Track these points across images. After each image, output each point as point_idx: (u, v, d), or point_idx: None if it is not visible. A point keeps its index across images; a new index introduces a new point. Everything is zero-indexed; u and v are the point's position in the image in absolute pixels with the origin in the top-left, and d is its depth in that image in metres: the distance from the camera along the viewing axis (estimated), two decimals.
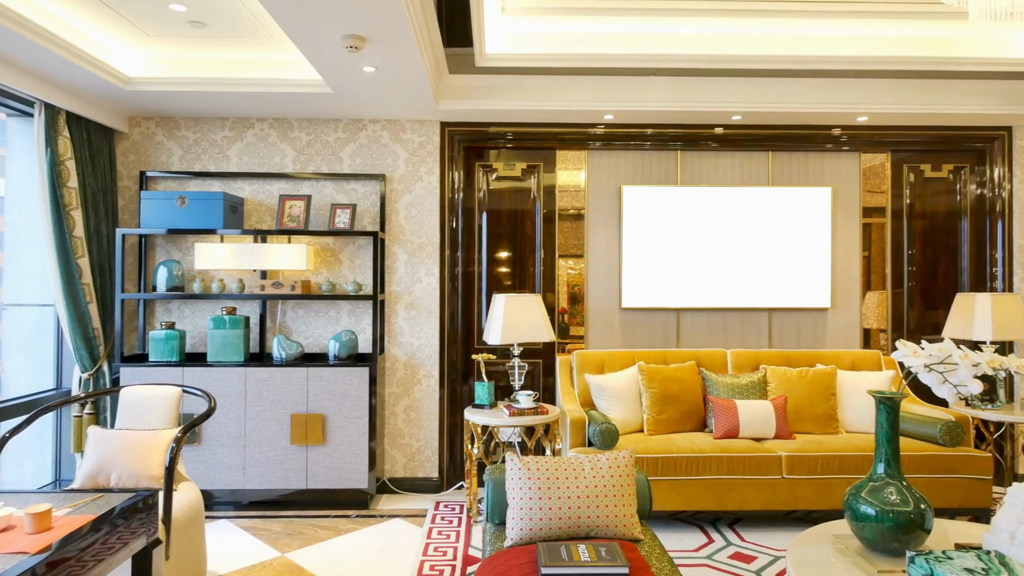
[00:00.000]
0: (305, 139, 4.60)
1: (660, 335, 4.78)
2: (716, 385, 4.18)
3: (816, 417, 4.10)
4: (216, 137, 4.58)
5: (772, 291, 4.72)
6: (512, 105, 4.29)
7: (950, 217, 4.88)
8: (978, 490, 3.75)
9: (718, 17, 3.94)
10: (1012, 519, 2.16)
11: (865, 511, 2.25)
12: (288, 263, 4.29)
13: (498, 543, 2.50)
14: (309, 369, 4.14)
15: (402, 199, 4.63)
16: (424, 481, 4.60)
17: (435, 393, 4.62)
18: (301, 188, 4.61)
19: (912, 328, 4.84)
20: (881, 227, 4.87)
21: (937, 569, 1.82)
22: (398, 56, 3.36)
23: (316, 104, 4.25)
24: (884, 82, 4.31)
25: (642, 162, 4.79)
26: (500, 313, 4.02)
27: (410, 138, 4.63)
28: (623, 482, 2.49)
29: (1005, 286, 4.74)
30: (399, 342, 4.61)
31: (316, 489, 4.14)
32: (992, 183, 4.77)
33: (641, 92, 4.28)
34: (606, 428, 3.75)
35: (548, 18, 3.96)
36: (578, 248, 4.80)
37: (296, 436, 4.11)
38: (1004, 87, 4.35)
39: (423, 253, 4.63)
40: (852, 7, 3.86)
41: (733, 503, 3.73)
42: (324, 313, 4.58)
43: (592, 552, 2.15)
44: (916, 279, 4.86)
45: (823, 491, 3.73)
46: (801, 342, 4.79)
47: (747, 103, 4.30)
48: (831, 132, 4.72)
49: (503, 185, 4.81)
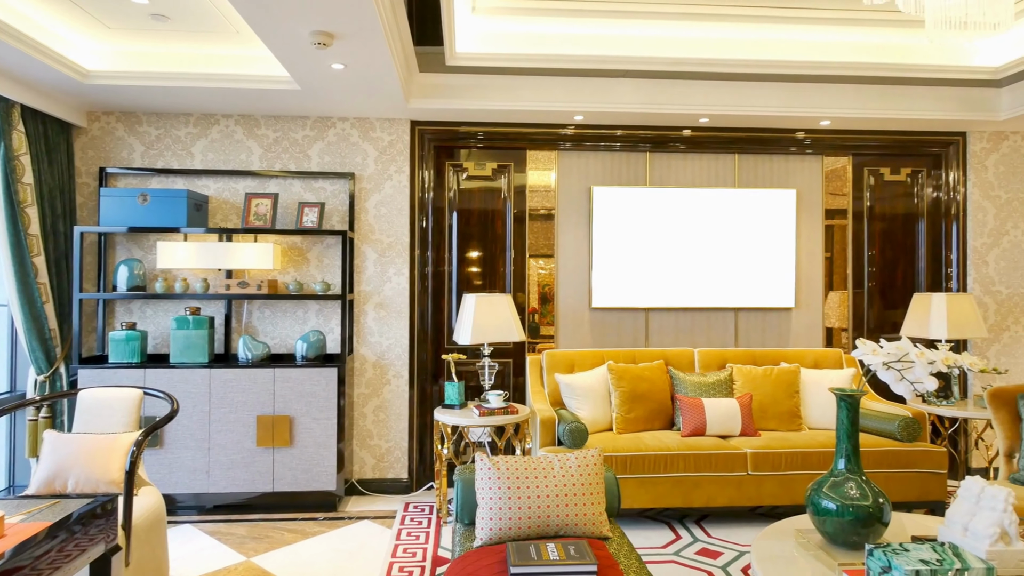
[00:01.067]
0: (272, 136, 4.53)
1: (629, 335, 4.82)
2: (684, 384, 4.24)
3: (780, 414, 4.18)
4: (180, 133, 4.48)
5: (738, 291, 4.80)
6: (483, 105, 4.28)
7: (908, 219, 5.02)
8: (934, 484, 3.88)
9: (686, 21, 3.99)
10: (965, 511, 2.23)
11: (826, 506, 2.30)
12: (254, 262, 4.22)
13: (467, 543, 2.50)
14: (276, 370, 4.08)
15: (371, 198, 4.59)
16: (393, 482, 4.57)
17: (405, 393, 4.59)
18: (268, 186, 4.53)
19: (872, 327, 4.98)
20: (843, 229, 4.99)
21: (894, 561, 1.87)
22: (367, 53, 3.33)
23: (284, 101, 4.18)
24: (846, 87, 4.42)
25: (612, 163, 4.83)
26: (470, 313, 4.01)
27: (380, 136, 4.59)
28: (592, 481, 2.51)
29: (959, 286, 4.90)
30: (368, 342, 4.57)
31: (283, 492, 4.07)
32: (947, 187, 4.93)
33: (611, 93, 4.32)
34: (575, 427, 3.77)
35: (518, 18, 3.96)
36: (548, 248, 4.82)
37: (262, 438, 4.04)
38: (959, 94, 4.50)
39: (393, 252, 4.59)
40: (815, 13, 3.95)
41: (700, 500, 3.79)
42: (291, 313, 4.52)
43: (561, 551, 2.16)
44: (876, 279, 5.00)
45: (787, 487, 3.81)
46: (766, 341, 4.89)
47: (714, 106, 4.37)
48: (795, 135, 4.82)
49: (474, 185, 4.80)
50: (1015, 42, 4.05)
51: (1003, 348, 4.90)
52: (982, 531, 2.13)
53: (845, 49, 4.14)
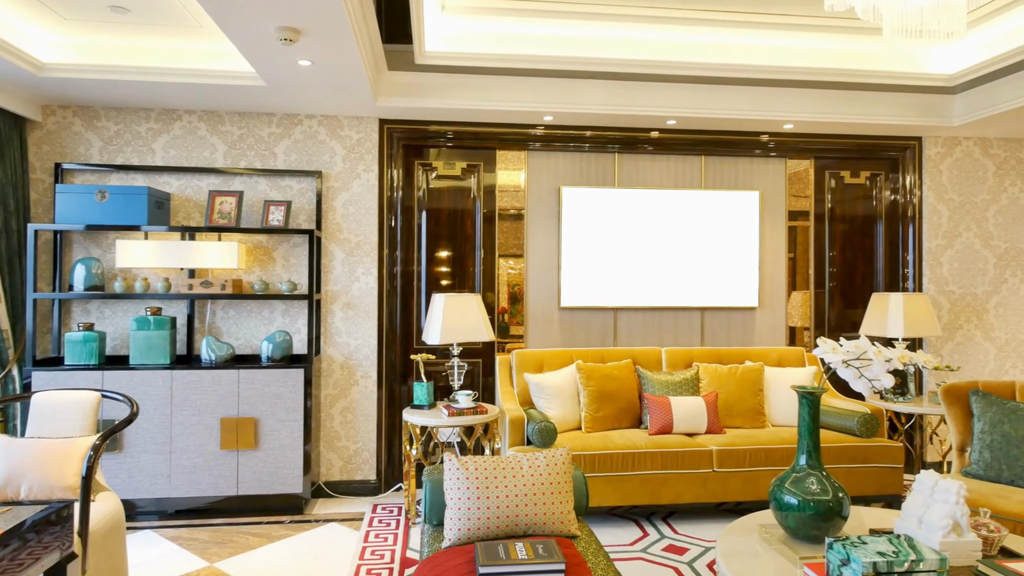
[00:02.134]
0: (237, 133, 4.44)
1: (598, 334, 4.86)
2: (651, 383, 4.29)
3: (745, 412, 4.26)
4: (140, 129, 4.36)
5: (705, 291, 4.88)
6: (452, 104, 4.27)
7: (867, 221, 5.17)
8: (891, 478, 3.99)
9: (654, 24, 4.04)
10: (920, 504, 2.30)
11: (788, 501, 2.35)
12: (218, 261, 4.13)
13: (436, 544, 2.49)
14: (241, 371, 4.00)
15: (339, 197, 4.53)
16: (361, 484, 4.53)
17: (373, 394, 4.55)
18: (232, 184, 4.45)
19: (833, 326, 5.11)
20: (805, 230, 5.11)
21: (853, 554, 1.92)
22: (335, 50, 3.29)
23: (249, 97, 4.11)
24: (808, 92, 4.52)
25: (581, 163, 4.86)
26: (439, 313, 4.00)
27: (348, 135, 4.54)
28: (560, 479, 2.52)
29: (916, 286, 5.06)
30: (336, 343, 4.52)
31: (248, 495, 4.00)
32: (904, 189, 5.08)
33: (580, 94, 4.35)
34: (544, 426, 3.79)
35: (488, 18, 3.96)
36: (518, 248, 4.83)
37: (226, 441, 3.96)
38: (915, 100, 4.65)
39: (361, 252, 4.55)
40: (779, 19, 4.04)
41: (667, 497, 3.84)
42: (257, 313, 4.44)
43: (529, 550, 2.16)
44: (836, 279, 5.13)
45: (751, 483, 3.89)
46: (731, 340, 4.98)
47: (681, 108, 4.43)
48: (760, 139, 4.92)
49: (443, 184, 4.78)
50: (968, 51, 4.20)
51: (956, 346, 5.08)
52: (936, 523, 2.20)
53: (808, 55, 4.24)
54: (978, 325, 5.10)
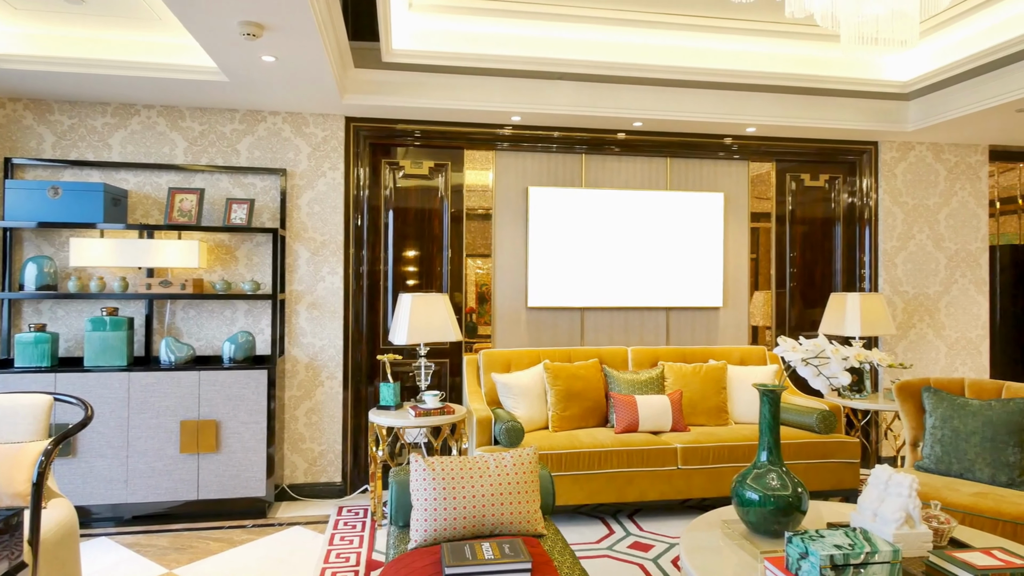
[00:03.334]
0: (198, 129, 4.34)
1: (565, 334, 4.89)
2: (618, 381, 4.33)
3: (708, 410, 4.33)
4: (96, 123, 4.23)
5: (670, 291, 4.95)
6: (420, 103, 4.24)
7: (826, 223, 5.31)
8: (848, 473, 4.11)
9: (622, 27, 4.08)
10: (874, 498, 2.37)
11: (750, 497, 2.40)
12: (178, 260, 4.03)
13: (402, 546, 2.47)
14: (201, 373, 3.91)
15: (304, 195, 4.47)
16: (327, 486, 4.47)
17: (338, 395, 4.49)
18: (193, 181, 4.34)
19: (793, 325, 5.23)
20: (767, 231, 5.22)
21: (811, 547, 1.97)
22: (300, 46, 3.24)
23: (210, 92, 4.02)
24: (770, 96, 4.62)
25: (548, 164, 4.88)
26: (406, 313, 3.97)
27: (313, 132, 4.47)
28: (527, 479, 2.53)
29: (872, 286, 5.22)
30: (300, 343, 4.45)
31: (209, 499, 3.91)
32: (861, 192, 5.23)
33: (548, 95, 4.36)
34: (512, 426, 3.79)
35: (456, 17, 3.95)
36: (486, 248, 4.82)
37: (186, 444, 3.87)
38: (872, 106, 4.79)
39: (326, 251, 4.49)
40: (743, 24, 4.12)
41: (633, 494, 3.88)
42: (219, 313, 4.34)
43: (496, 550, 2.16)
44: (797, 280, 5.25)
45: (714, 479, 3.96)
46: (696, 339, 5.06)
47: (648, 110, 4.48)
48: (723, 141, 5.01)
49: (410, 183, 4.75)
50: (921, 59, 4.34)
51: (910, 344, 5.25)
52: (889, 516, 2.27)
53: (770, 60, 4.34)
54: (930, 324, 5.28)
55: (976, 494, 2.99)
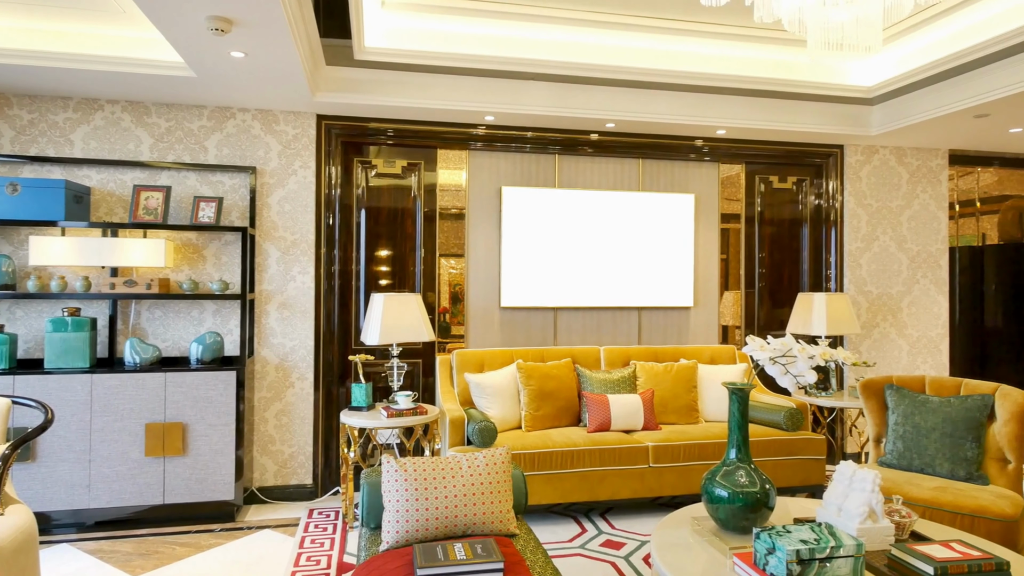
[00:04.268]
0: (165, 125, 4.25)
1: (538, 333, 4.90)
2: (590, 381, 4.36)
3: (679, 408, 4.39)
4: (57, 119, 4.11)
5: (642, 291, 4.99)
6: (393, 101, 4.22)
7: (794, 224, 5.41)
8: (814, 469, 4.20)
9: (595, 28, 4.11)
10: (839, 493, 2.43)
11: (719, 494, 2.43)
12: (143, 259, 3.94)
13: (374, 548, 2.45)
14: (168, 374, 3.83)
15: (274, 194, 4.40)
16: (297, 489, 4.41)
17: (309, 396, 4.44)
18: (159, 178, 4.25)
19: (762, 324, 5.32)
20: (737, 232, 5.31)
21: (778, 543, 2.01)
22: (269, 42, 3.19)
23: (177, 88, 3.93)
24: (740, 99, 4.70)
25: (522, 164, 4.89)
26: (378, 313, 3.94)
27: (284, 130, 4.41)
28: (500, 479, 2.53)
29: (837, 287, 5.33)
30: (270, 344, 4.38)
31: (175, 504, 3.83)
32: (827, 195, 5.35)
33: (522, 96, 4.37)
34: (484, 426, 3.79)
35: (429, 16, 3.93)
36: (459, 247, 4.81)
37: (152, 447, 3.78)
38: (838, 110, 4.90)
39: (297, 251, 4.43)
40: (714, 28, 4.18)
41: (605, 493, 3.90)
42: (186, 314, 4.26)
43: (468, 550, 2.16)
44: (765, 280, 5.35)
45: (685, 477, 4.01)
46: (667, 338, 5.11)
47: (620, 112, 4.52)
48: (694, 143, 5.07)
49: (383, 182, 4.71)
50: (884, 65, 4.45)
51: (874, 343, 5.38)
52: (853, 510, 2.33)
53: (740, 64, 4.41)
54: (893, 323, 5.42)
55: (936, 488, 3.08)
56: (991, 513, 2.88)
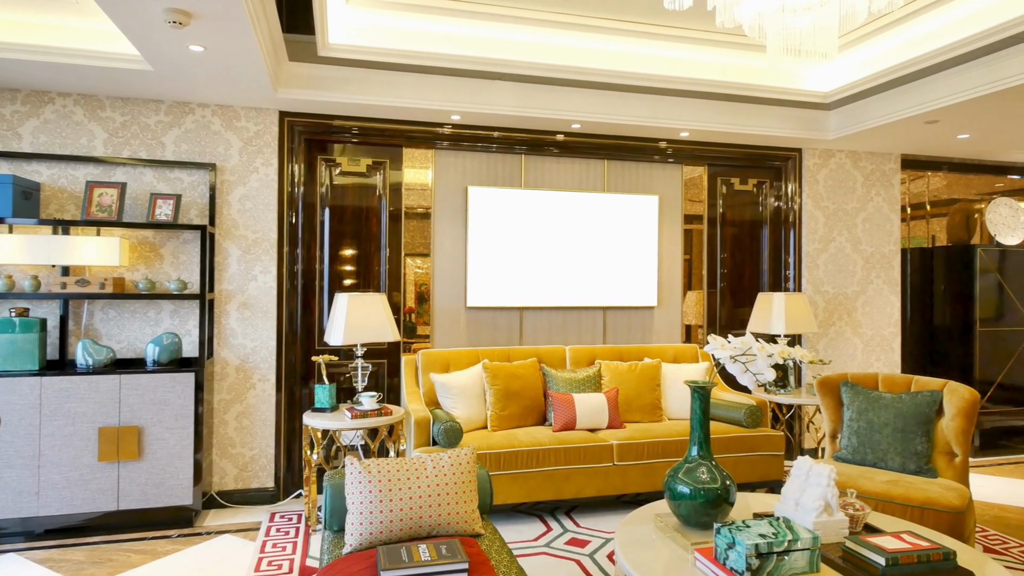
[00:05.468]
0: (120, 120, 4.12)
1: (504, 333, 4.90)
2: (556, 380, 4.38)
3: (643, 407, 4.44)
4: (4, 111, 3.95)
5: (607, 291, 5.04)
6: (357, 99, 4.17)
7: (754, 225, 5.53)
8: (773, 464, 4.30)
9: (561, 29, 4.13)
10: (796, 488, 2.49)
11: (681, 490, 2.47)
12: (97, 258, 3.81)
13: (337, 551, 2.42)
14: (122, 376, 3.72)
15: (235, 191, 4.31)
16: (258, 492, 4.33)
17: (271, 398, 4.36)
18: (114, 174, 4.12)
19: (724, 324, 5.42)
20: (700, 233, 5.40)
21: (737, 537, 2.05)
22: (230, 36, 3.12)
23: (133, 82, 3.82)
24: (703, 102, 4.78)
25: (488, 164, 4.89)
26: (343, 313, 3.89)
27: (245, 126, 4.32)
28: (465, 479, 2.53)
29: (796, 286, 5.47)
30: (231, 344, 4.29)
31: (130, 510, 3.72)
32: (786, 197, 5.48)
33: (488, 95, 4.37)
34: (450, 426, 3.78)
35: (395, 13, 3.90)
36: (425, 247, 4.78)
37: (105, 452, 3.67)
38: (796, 114, 5.02)
39: (259, 249, 4.35)
40: (677, 32, 4.24)
41: (570, 491, 3.93)
42: (142, 314, 4.14)
43: (433, 551, 2.15)
44: (727, 280, 5.45)
45: (649, 475, 4.06)
46: (632, 338, 5.17)
47: (586, 113, 4.55)
48: (658, 145, 5.14)
49: (348, 181, 4.66)
50: (841, 71, 4.59)
51: (830, 342, 5.53)
52: (810, 505, 2.39)
53: (703, 67, 4.48)
54: (848, 322, 5.58)
55: (888, 482, 3.18)
56: (939, 505, 2.99)
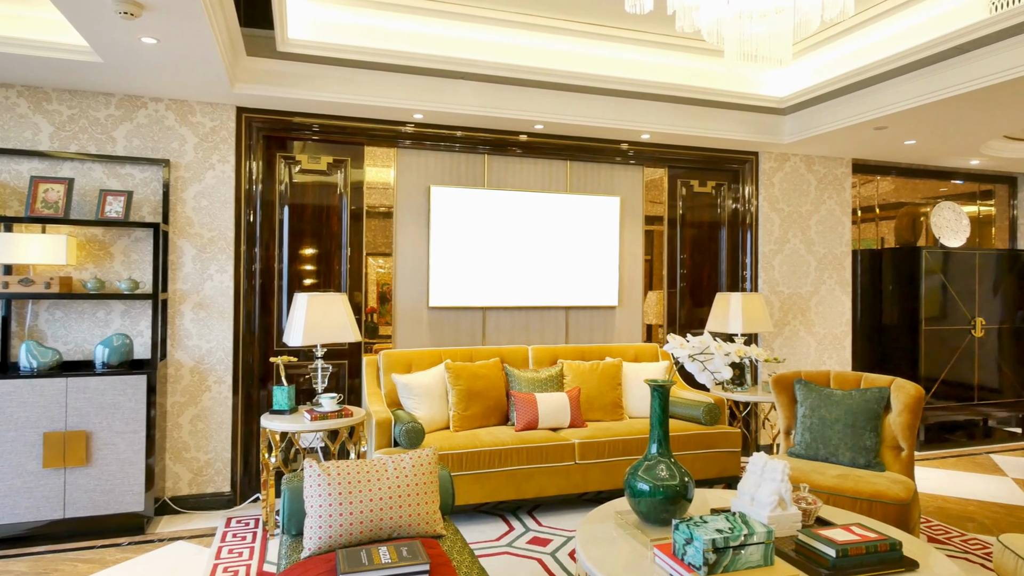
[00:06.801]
0: (67, 113, 3.97)
1: (467, 333, 4.89)
2: (518, 380, 4.39)
3: (605, 406, 4.49)
4: None
5: (569, 291, 5.08)
6: (318, 96, 4.10)
7: (713, 227, 5.64)
8: (730, 461, 4.39)
9: (525, 30, 4.15)
10: (752, 483, 2.55)
11: (641, 488, 2.50)
12: (42, 257, 3.66)
13: (295, 555, 2.38)
14: (69, 379, 3.58)
15: (190, 188, 4.19)
16: (214, 497, 4.22)
17: (228, 400, 4.26)
18: (61, 169, 3.97)
19: (683, 323, 5.52)
20: (660, 234, 5.48)
21: (695, 533, 2.09)
22: (184, 29, 3.03)
23: (82, 74, 3.68)
24: (663, 105, 4.85)
25: (451, 163, 4.87)
26: (302, 313, 3.82)
27: (200, 122, 4.21)
28: (426, 480, 2.51)
29: (752, 287, 5.60)
30: (185, 346, 4.18)
31: (78, 517, 3.59)
32: (743, 199, 5.61)
33: (451, 94, 4.35)
34: (412, 427, 3.75)
35: (357, 9, 3.86)
36: (387, 247, 4.74)
37: (51, 458, 3.53)
38: (753, 119, 5.14)
39: (215, 248, 4.24)
40: (639, 35, 4.31)
41: (532, 491, 3.95)
42: (91, 315, 3.99)
43: (393, 553, 2.13)
44: (687, 280, 5.55)
45: (610, 473, 4.10)
46: (594, 337, 5.22)
47: (549, 114, 4.57)
48: (620, 147, 5.20)
49: (308, 179, 4.58)
50: (796, 77, 4.71)
51: (785, 340, 5.69)
52: (765, 499, 2.45)
53: (664, 70, 4.55)
54: (802, 321, 5.75)
55: (839, 476, 3.29)
56: (887, 497, 3.11)
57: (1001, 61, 3.62)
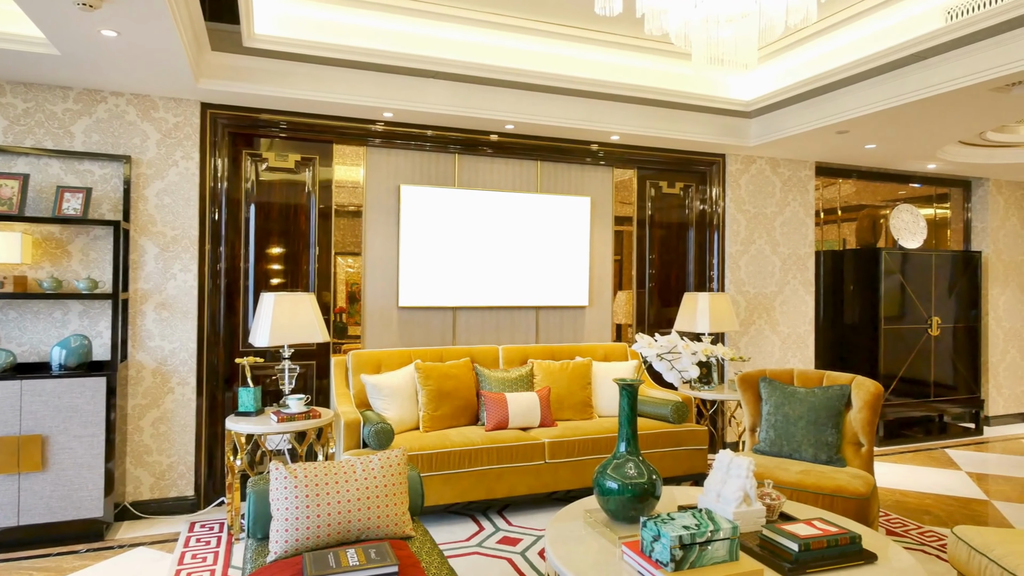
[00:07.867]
0: (21, 107, 3.84)
1: (437, 333, 4.87)
2: (488, 380, 4.39)
3: (574, 405, 4.51)
4: None
5: (540, 291, 5.09)
6: (285, 92, 4.04)
7: (681, 227, 5.72)
8: (698, 458, 4.46)
9: (496, 30, 4.15)
10: (718, 480, 2.59)
11: (610, 486, 2.53)
12: None
13: (260, 559, 2.34)
14: (24, 382, 3.46)
15: (152, 185, 4.09)
16: (177, 501, 4.13)
17: (191, 402, 4.17)
18: (15, 165, 3.83)
19: (652, 323, 5.58)
20: (630, 234, 5.54)
21: (662, 530, 2.11)
22: (146, 22, 2.96)
23: (37, 67, 3.57)
24: (633, 107, 4.90)
25: (421, 162, 4.84)
26: (269, 313, 3.76)
27: (163, 117, 4.11)
28: (395, 481, 2.49)
29: (719, 287, 5.69)
30: (147, 347, 4.07)
31: (33, 524, 3.47)
32: (711, 200, 5.70)
33: (422, 93, 4.33)
34: (381, 428, 3.72)
35: (327, 5, 3.81)
36: (356, 246, 4.69)
37: (4, 464, 3.41)
38: (720, 121, 5.23)
39: (178, 247, 4.15)
40: (610, 37, 4.34)
41: (502, 490, 3.95)
42: (47, 315, 3.87)
43: (361, 555, 2.11)
44: (655, 280, 5.62)
45: (579, 471, 4.13)
46: (564, 337, 5.25)
47: (520, 114, 4.58)
48: (590, 147, 5.24)
49: (275, 177, 4.51)
50: (761, 81, 4.81)
51: (751, 340, 5.79)
52: (730, 496, 2.49)
53: (633, 72, 4.60)
54: (767, 320, 5.86)
55: (802, 472, 3.36)
56: (847, 492, 3.19)
57: (956, 69, 3.75)
